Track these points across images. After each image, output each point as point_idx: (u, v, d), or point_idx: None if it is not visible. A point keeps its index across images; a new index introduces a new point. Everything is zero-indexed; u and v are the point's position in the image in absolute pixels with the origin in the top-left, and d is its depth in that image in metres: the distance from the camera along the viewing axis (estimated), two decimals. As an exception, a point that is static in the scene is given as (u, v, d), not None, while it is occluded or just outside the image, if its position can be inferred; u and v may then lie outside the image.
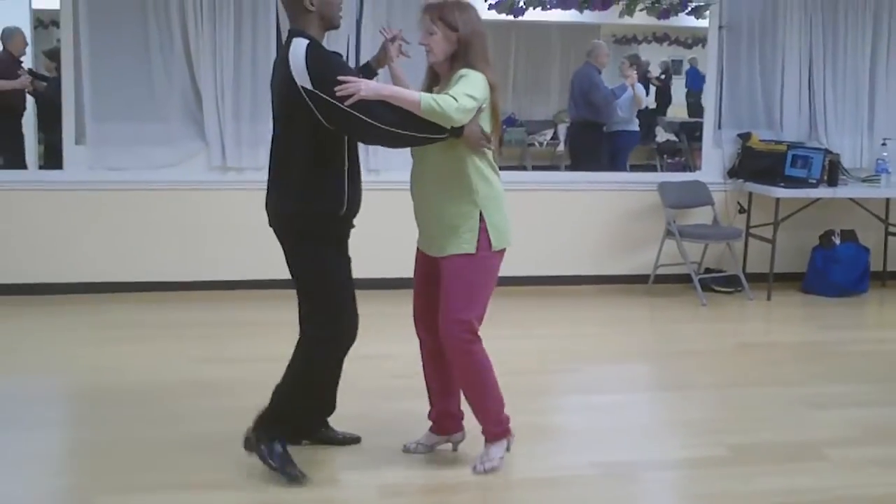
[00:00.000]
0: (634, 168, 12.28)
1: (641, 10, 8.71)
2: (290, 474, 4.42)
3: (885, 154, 8.67)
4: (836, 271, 8.59)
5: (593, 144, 10.58)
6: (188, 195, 7.95)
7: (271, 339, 6.73)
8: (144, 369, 6.11)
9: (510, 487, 4.50)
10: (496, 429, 4.58)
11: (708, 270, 8.73)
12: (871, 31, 8.90)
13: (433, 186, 4.40)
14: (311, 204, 4.30)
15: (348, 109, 4.08)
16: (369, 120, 4.12)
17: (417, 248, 4.62)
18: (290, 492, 4.39)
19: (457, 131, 4.19)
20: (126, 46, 7.78)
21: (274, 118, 4.40)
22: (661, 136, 14.71)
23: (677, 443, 5.18)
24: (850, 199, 8.74)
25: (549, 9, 8.43)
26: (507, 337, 6.91)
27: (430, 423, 4.79)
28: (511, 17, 8.42)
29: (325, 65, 4.16)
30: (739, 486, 4.58)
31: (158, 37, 7.76)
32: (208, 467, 4.63)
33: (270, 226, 4.47)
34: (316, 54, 4.18)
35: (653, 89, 15.82)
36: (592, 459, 4.85)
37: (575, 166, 10.49)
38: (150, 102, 7.83)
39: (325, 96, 4.10)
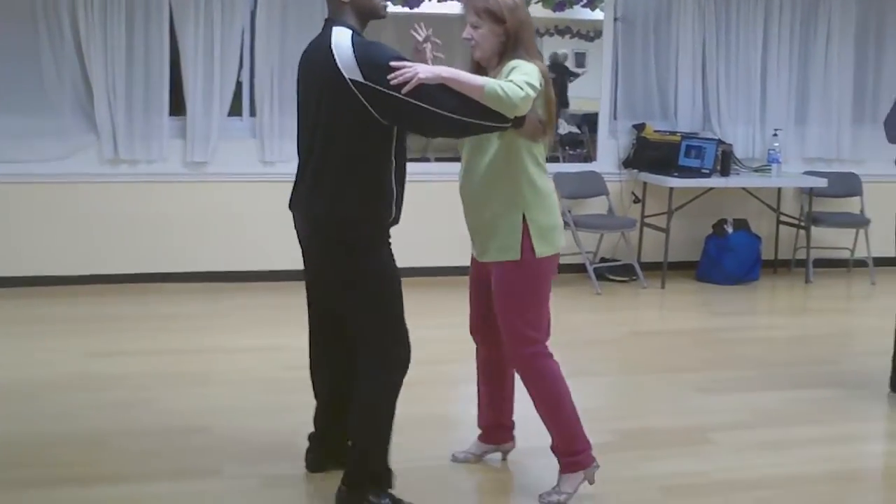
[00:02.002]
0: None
1: (537, 2, 8.74)
2: None
3: (776, 144, 8.84)
4: (728, 259, 8.74)
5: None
6: (80, 188, 7.82)
7: (166, 332, 6.75)
8: (35, 364, 6.01)
9: (401, 474, 4.47)
10: (566, 458, 4.30)
11: (603, 260, 8.81)
12: (762, 24, 9.05)
13: (477, 184, 4.14)
14: (357, 209, 3.90)
15: (407, 98, 3.69)
16: (431, 108, 3.73)
17: (472, 255, 4.40)
18: (174, 484, 4.39)
19: (519, 121, 3.86)
20: (14, 37, 7.62)
21: (307, 114, 4.00)
22: (564, 128, 14.80)
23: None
24: (743, 188, 8.89)
25: (445, 0, 8.42)
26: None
27: (478, 432, 4.67)
28: (407, 9, 8.37)
29: (374, 53, 3.77)
30: (626, 470, 4.65)
31: (47, 27, 7.60)
32: (95, 461, 4.60)
33: (300, 236, 4.14)
34: (363, 43, 3.81)
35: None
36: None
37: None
38: (39, 95, 7.67)
39: (379, 87, 3.71)
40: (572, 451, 4.28)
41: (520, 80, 3.79)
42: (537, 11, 9.05)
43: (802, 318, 8.20)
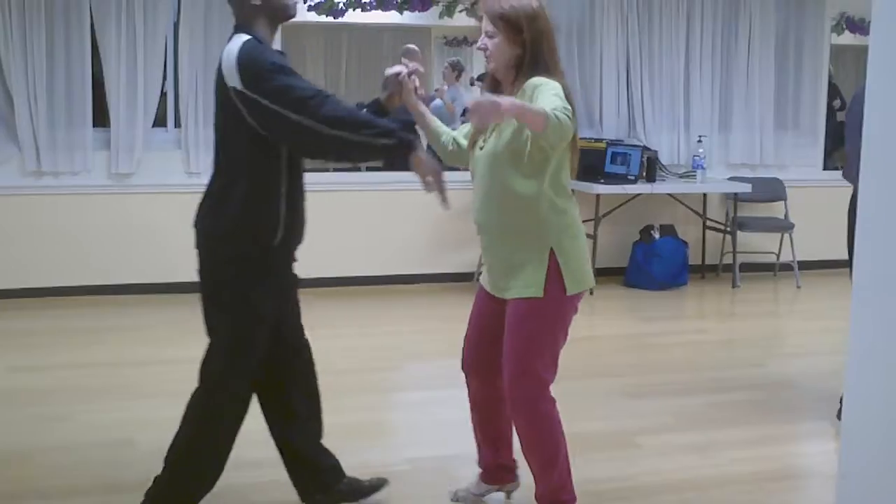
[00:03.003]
0: (465, 169, 12.37)
1: (461, 12, 8.76)
2: None
3: (700, 150, 8.94)
4: (656, 265, 8.82)
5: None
6: (2, 201, 7.68)
7: (89, 345, 6.67)
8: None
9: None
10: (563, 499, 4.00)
11: (532, 267, 8.84)
12: (685, 32, 9.17)
13: (495, 215, 3.80)
14: (240, 228, 3.73)
15: (283, 111, 3.56)
16: (308, 121, 3.55)
17: (479, 286, 4.09)
18: (103, 497, 4.34)
19: (396, 151, 3.67)
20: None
21: (214, 125, 3.88)
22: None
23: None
24: (669, 194, 8.98)
25: (370, 10, 8.41)
26: (331, 336, 6.91)
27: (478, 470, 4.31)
28: (332, 19, 8.34)
29: (256, 60, 3.60)
30: (554, 476, 4.66)
31: (-37, 38, 7.49)
32: (20, 477, 4.55)
33: (196, 247, 3.87)
34: (251, 50, 3.62)
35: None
36: (408, 455, 4.89)
37: (390, 167, 10.41)
38: (-44, 107, 7.56)
39: (254, 96, 3.58)
40: (559, 502, 4.00)
41: (556, 105, 3.45)
42: (462, 20, 9.09)
43: (729, 322, 8.30)
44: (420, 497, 4.46)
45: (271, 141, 3.69)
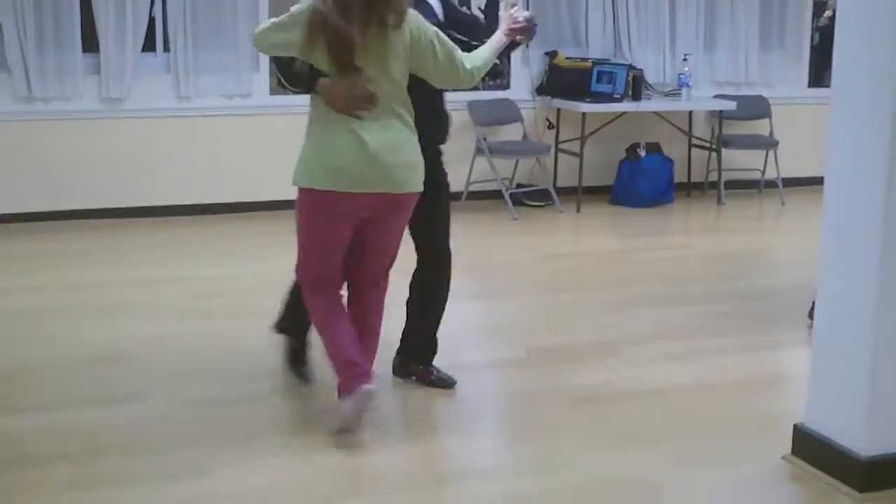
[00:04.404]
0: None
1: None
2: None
3: (686, 69, 8.99)
4: (642, 182, 8.90)
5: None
6: (-8, 127, 7.76)
7: (78, 268, 6.75)
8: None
9: (318, 394, 4.64)
10: (338, 381, 4.16)
11: (519, 186, 8.92)
12: (670, -51, 9.18)
13: None
14: (438, 138, 4.53)
15: None
16: None
17: None
18: (99, 411, 4.43)
19: (304, 85, 4.11)
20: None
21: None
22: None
23: (480, 348, 5.40)
24: (655, 112, 9.04)
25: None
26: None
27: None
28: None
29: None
30: (538, 384, 4.82)
31: (-52, -40, 7.48)
32: (8, 395, 4.63)
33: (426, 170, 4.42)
34: None
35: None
36: (398, 366, 5.01)
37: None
38: (-56, 32, 7.58)
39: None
40: (338, 373, 4.14)
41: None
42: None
43: (713, 237, 8.43)
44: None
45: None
